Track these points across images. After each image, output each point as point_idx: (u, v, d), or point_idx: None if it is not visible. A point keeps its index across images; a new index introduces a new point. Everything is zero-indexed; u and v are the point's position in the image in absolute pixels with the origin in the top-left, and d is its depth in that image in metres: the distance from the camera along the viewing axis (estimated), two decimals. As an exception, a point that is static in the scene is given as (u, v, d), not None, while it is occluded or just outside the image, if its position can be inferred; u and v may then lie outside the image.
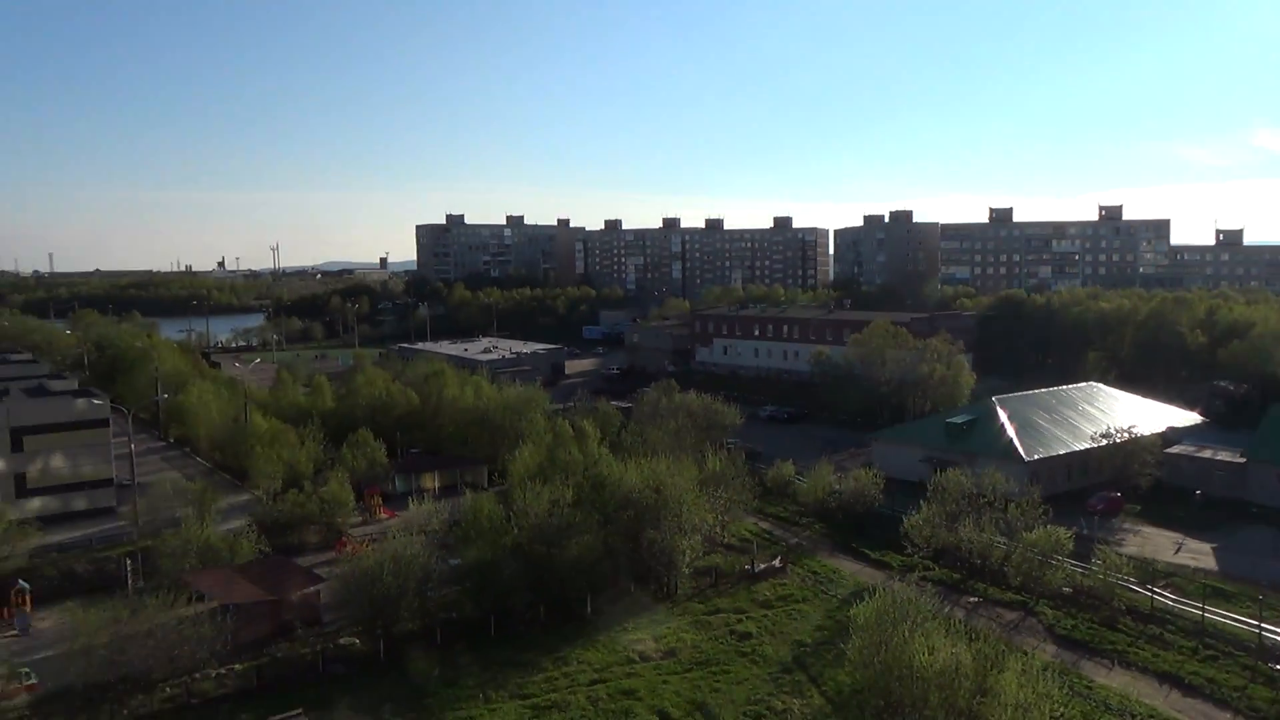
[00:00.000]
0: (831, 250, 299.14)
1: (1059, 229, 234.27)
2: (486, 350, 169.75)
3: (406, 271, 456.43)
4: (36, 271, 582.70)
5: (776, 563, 62.16)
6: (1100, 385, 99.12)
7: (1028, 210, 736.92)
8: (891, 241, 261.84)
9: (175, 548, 55.55)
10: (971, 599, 56.02)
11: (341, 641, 49.29)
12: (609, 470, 60.18)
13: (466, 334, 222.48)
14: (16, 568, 58.64)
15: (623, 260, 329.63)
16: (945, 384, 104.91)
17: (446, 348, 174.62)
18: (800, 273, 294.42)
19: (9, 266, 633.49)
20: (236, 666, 46.19)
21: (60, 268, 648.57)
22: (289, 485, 72.26)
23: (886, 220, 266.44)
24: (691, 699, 43.78)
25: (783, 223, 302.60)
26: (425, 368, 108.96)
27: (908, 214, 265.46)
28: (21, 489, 72.80)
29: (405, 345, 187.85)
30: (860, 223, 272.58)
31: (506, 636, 50.62)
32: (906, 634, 38.29)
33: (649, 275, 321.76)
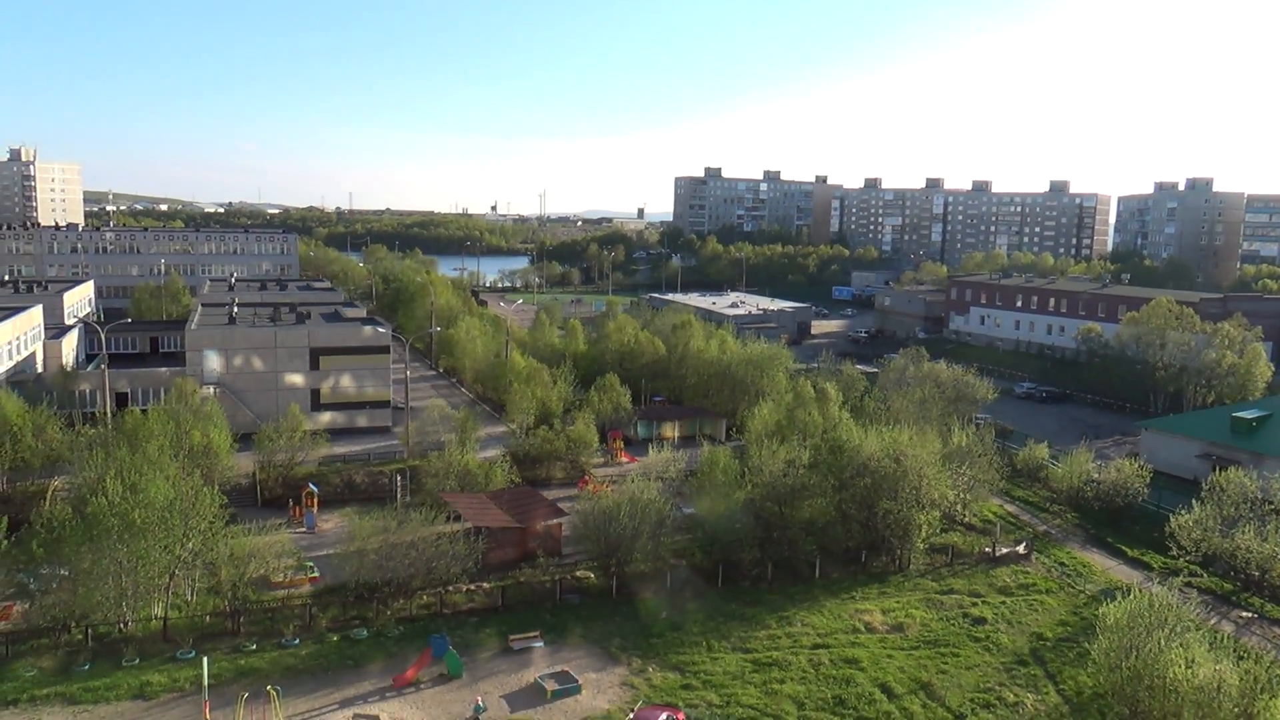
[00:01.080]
0: (1112, 219, 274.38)
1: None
2: (734, 305, 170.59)
3: (662, 222, 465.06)
4: (338, 208, 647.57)
5: (1020, 548, 58.96)
6: None
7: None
8: (1185, 211, 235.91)
9: (438, 469, 60.03)
10: (1244, 614, 50.88)
11: (578, 574, 51.60)
12: (848, 435, 58.87)
13: (716, 287, 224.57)
14: (308, 473, 65.98)
15: (880, 220, 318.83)
16: (1235, 374, 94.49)
17: (695, 300, 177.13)
18: (1074, 242, 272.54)
19: (316, 202, 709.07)
20: (485, 585, 49.50)
21: (357, 205, 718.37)
22: (540, 422, 76.24)
23: (1181, 188, 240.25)
24: (916, 677, 42.57)
25: (1058, 186, 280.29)
26: (673, 318, 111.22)
27: (1207, 181, 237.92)
28: (316, 403, 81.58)
29: (656, 295, 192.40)
30: (1150, 190, 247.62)
31: (733, 590, 51.10)
32: (1162, 642, 35.65)
33: (906, 237, 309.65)
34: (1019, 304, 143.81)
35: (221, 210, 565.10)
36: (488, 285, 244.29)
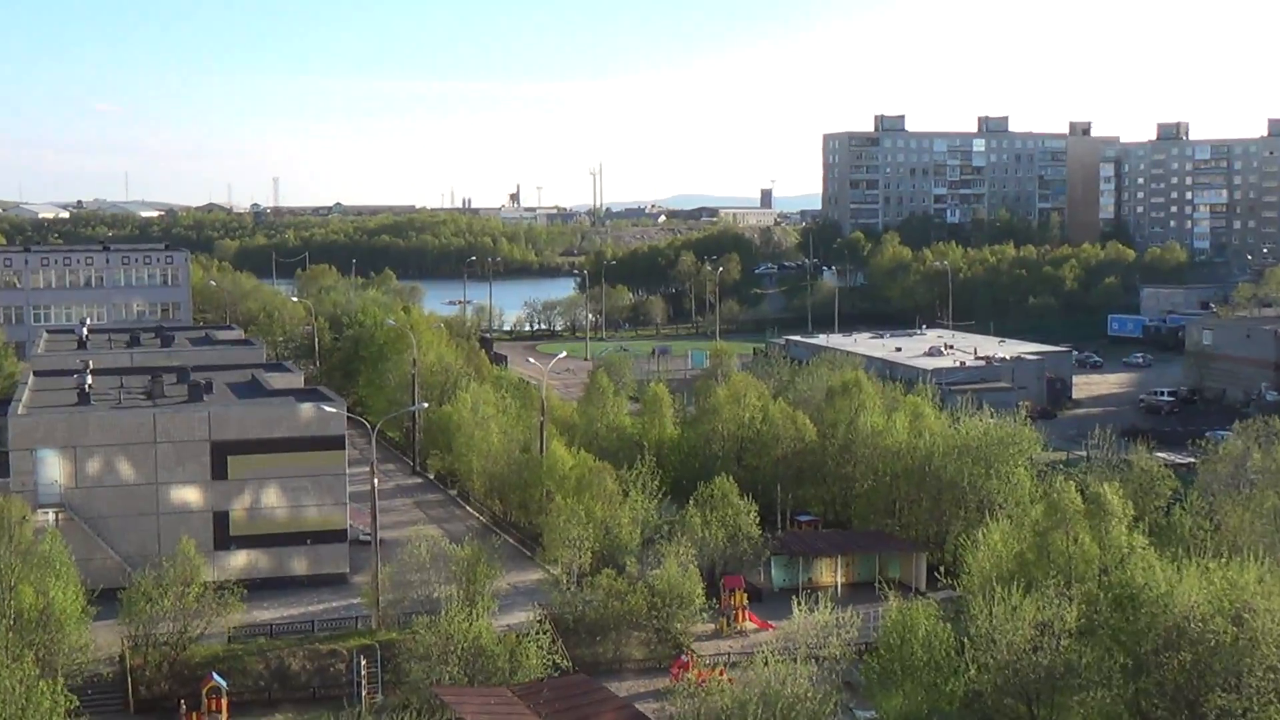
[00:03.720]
0: None
1: None
2: (933, 351, 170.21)
3: (802, 213, 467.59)
4: (256, 206, 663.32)
5: None
6: None
7: None
8: None
9: (430, 647, 59.80)
10: None
11: (673, 830, 51.10)
12: (1145, 577, 57.53)
13: (901, 321, 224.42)
14: (211, 655, 66.43)
15: (1188, 195, 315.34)
16: None
17: (865, 344, 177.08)
18: None
19: (220, 198, 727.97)
20: None
21: (288, 200, 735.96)
22: (602, 561, 76.03)
23: None
24: None
25: None
26: (829, 377, 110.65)
27: None
28: (222, 536, 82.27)
29: (797, 338, 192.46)
30: None
31: None
32: None
33: (1237, 224, 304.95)
34: None
35: (67, 215, 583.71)
36: (508, 329, 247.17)
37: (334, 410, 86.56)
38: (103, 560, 77.61)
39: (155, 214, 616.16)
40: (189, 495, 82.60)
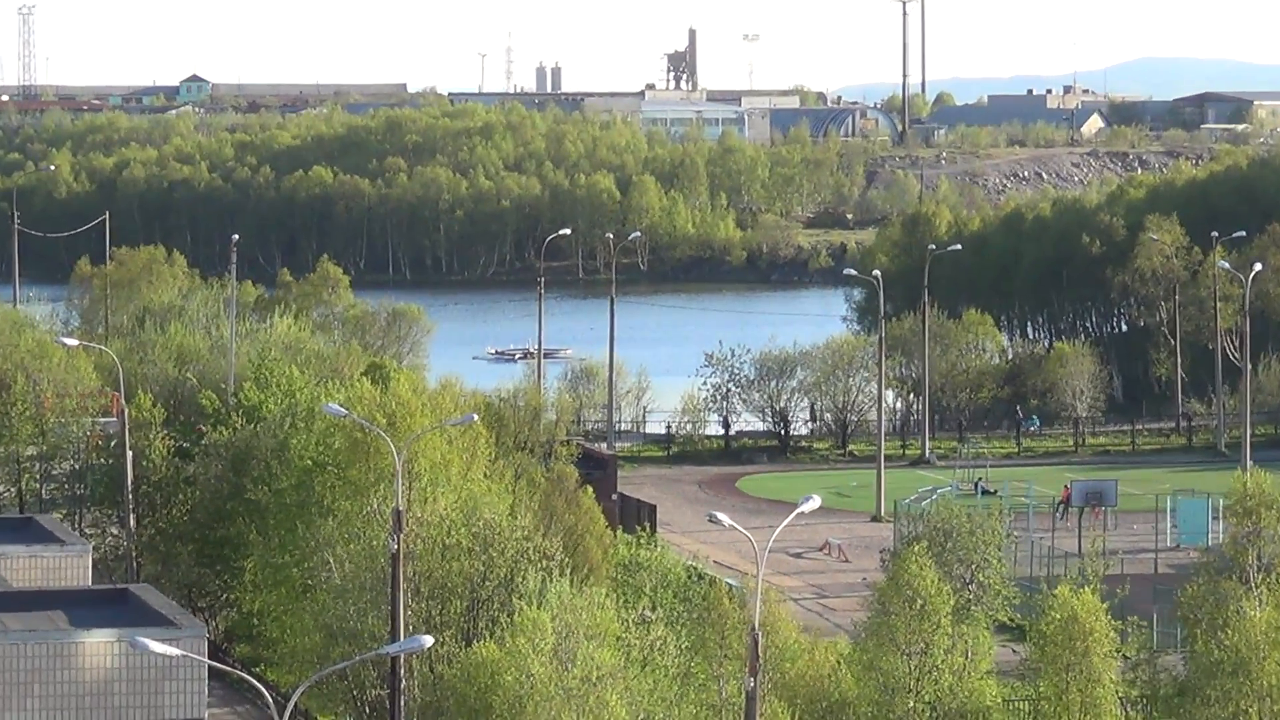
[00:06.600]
0: None
1: None
2: None
3: None
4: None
5: None
6: None
7: None
8: None
9: None
10: None
11: None
12: None
13: None
14: None
15: None
16: None
17: None
18: None
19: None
20: None
21: (61, 73, 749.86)
22: None
23: None
24: None
25: None
26: None
27: None
28: None
29: None
30: None
31: None
32: None
33: None
34: None
35: None
36: (663, 432, 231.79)
37: (175, 651, 73.17)
38: None
39: None
40: None
